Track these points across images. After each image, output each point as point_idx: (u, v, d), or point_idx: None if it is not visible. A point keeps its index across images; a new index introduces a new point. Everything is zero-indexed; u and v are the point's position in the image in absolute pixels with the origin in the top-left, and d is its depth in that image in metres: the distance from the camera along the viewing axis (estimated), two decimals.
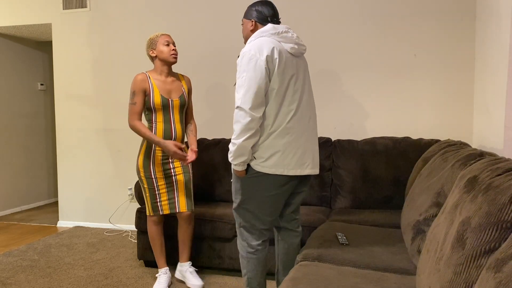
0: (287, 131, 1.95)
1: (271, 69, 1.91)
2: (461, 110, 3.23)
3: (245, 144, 1.89)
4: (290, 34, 2.02)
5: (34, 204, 5.09)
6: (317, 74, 3.48)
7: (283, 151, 1.94)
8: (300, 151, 1.99)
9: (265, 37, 1.96)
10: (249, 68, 1.88)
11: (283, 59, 1.94)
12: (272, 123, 1.94)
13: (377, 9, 3.34)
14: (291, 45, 2.00)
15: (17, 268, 3.01)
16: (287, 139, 1.95)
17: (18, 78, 4.86)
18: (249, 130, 1.88)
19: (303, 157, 2.00)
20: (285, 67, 1.95)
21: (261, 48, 1.90)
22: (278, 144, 1.94)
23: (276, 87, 1.92)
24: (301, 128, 2.01)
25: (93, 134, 4.11)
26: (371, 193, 2.97)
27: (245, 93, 1.87)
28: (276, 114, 1.94)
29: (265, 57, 1.88)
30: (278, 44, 1.95)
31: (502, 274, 0.89)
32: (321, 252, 1.96)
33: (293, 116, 1.97)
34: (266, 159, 1.94)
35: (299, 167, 1.99)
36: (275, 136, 1.94)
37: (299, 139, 1.99)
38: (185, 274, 2.69)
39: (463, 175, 1.44)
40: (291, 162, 1.96)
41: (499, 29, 2.56)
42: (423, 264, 1.43)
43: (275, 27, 1.99)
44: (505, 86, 2.43)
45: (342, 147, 3.13)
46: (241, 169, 1.97)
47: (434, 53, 3.25)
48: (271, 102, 1.93)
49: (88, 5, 4.03)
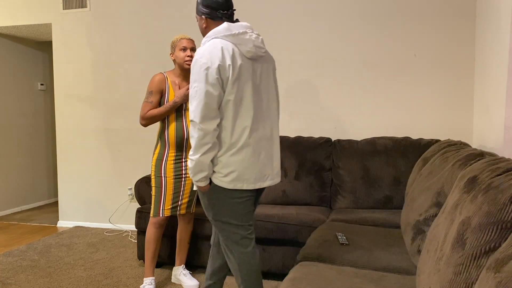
0: (245, 146, 1.84)
1: (224, 79, 1.77)
2: (461, 110, 3.23)
3: (203, 159, 1.78)
4: (247, 36, 1.84)
5: (34, 204, 5.09)
6: (317, 74, 3.48)
7: (241, 168, 1.84)
8: (260, 164, 1.89)
9: (219, 39, 1.81)
10: (200, 78, 1.75)
11: (238, 66, 1.80)
12: (230, 137, 1.82)
13: (377, 9, 3.34)
14: (247, 49, 1.83)
15: (17, 268, 3.01)
16: (246, 154, 1.84)
17: (18, 78, 4.86)
18: (205, 145, 1.76)
19: (263, 170, 1.91)
20: (240, 74, 1.81)
21: (213, 55, 1.76)
22: (236, 161, 1.83)
23: (231, 98, 1.79)
24: (261, 140, 1.90)
25: (93, 134, 4.11)
26: (371, 193, 2.97)
27: (197, 105, 1.75)
28: (233, 127, 1.82)
29: (217, 66, 1.74)
30: (232, 49, 1.80)
31: (502, 274, 0.89)
32: (321, 252, 1.96)
33: (252, 129, 1.85)
34: (225, 174, 1.84)
35: (259, 180, 1.90)
36: (234, 153, 1.83)
37: (259, 152, 1.89)
38: (179, 278, 2.71)
39: (463, 175, 1.44)
40: (251, 177, 1.87)
41: (499, 29, 2.56)
42: (423, 264, 1.43)
43: (230, 27, 1.83)
44: (505, 86, 2.43)
45: (342, 147, 3.13)
46: (204, 184, 1.86)
47: (434, 53, 3.25)
48: (226, 114, 1.81)
49: (88, 5, 4.03)
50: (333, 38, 3.44)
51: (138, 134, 3.98)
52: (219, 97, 1.77)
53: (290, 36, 3.53)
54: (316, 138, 3.23)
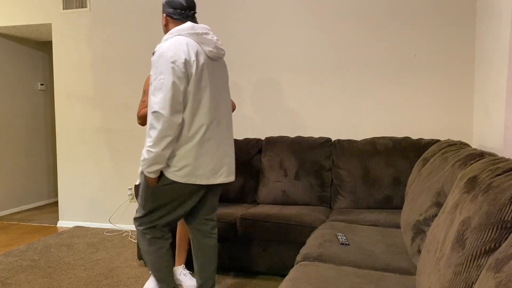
0: (201, 142, 1.87)
1: (189, 74, 1.81)
2: (461, 110, 3.23)
3: (164, 153, 1.80)
4: (210, 37, 1.91)
5: (34, 204, 5.09)
6: (317, 74, 3.48)
7: (197, 162, 1.86)
8: (215, 160, 1.92)
9: (183, 36, 1.85)
10: (167, 70, 1.77)
11: (201, 63, 1.84)
12: (187, 131, 1.84)
13: (377, 9, 3.34)
14: (209, 48, 1.88)
15: (17, 268, 3.01)
16: (202, 149, 1.87)
17: (18, 78, 4.86)
18: (167, 137, 1.78)
19: (217, 167, 1.94)
20: (202, 71, 1.85)
21: (179, 50, 1.80)
22: (192, 155, 1.85)
23: (193, 93, 1.83)
24: (218, 137, 1.93)
25: (93, 134, 4.11)
26: (371, 193, 2.97)
27: (163, 97, 1.75)
28: (191, 122, 1.85)
29: (183, 61, 1.79)
30: (196, 46, 1.85)
31: (502, 274, 0.89)
32: (321, 252, 1.96)
33: (209, 125, 1.88)
34: (179, 168, 1.85)
35: (212, 176, 1.93)
36: (190, 147, 1.85)
37: (215, 148, 1.92)
38: (179, 278, 2.71)
39: (463, 175, 1.44)
40: (205, 172, 1.89)
41: (499, 29, 2.56)
42: (423, 264, 1.43)
43: (194, 27, 1.88)
44: (505, 86, 2.43)
45: (342, 147, 3.13)
46: (155, 176, 1.87)
47: (434, 53, 3.25)
48: (187, 108, 1.83)
49: (88, 5, 4.03)
50: (333, 38, 3.44)
51: (138, 134, 3.98)
52: (184, 91, 1.80)
53: (290, 36, 3.53)
54: (316, 138, 3.23)
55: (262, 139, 3.37)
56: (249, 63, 3.64)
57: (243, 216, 2.76)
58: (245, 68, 3.65)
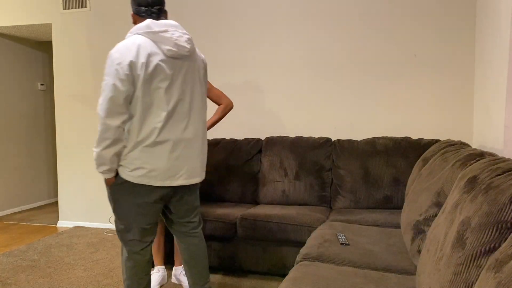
0: (154, 145, 1.82)
1: (136, 76, 1.76)
2: (461, 110, 3.23)
3: (103, 154, 1.78)
4: (168, 34, 1.82)
5: (34, 204, 5.09)
6: (317, 74, 3.48)
7: (148, 165, 1.83)
8: (171, 163, 1.87)
9: (140, 35, 1.81)
10: (110, 72, 1.74)
11: (154, 64, 1.78)
12: (137, 134, 1.81)
13: (377, 9, 3.34)
14: (168, 47, 1.81)
15: (17, 268, 3.01)
16: (153, 153, 1.83)
17: (18, 78, 4.86)
18: (106, 140, 1.76)
19: (175, 169, 1.88)
20: (155, 73, 1.79)
21: (127, 51, 1.76)
22: (142, 159, 1.82)
23: (141, 96, 1.78)
24: (176, 138, 1.87)
25: (93, 134, 4.11)
26: (371, 193, 2.97)
27: (103, 99, 1.74)
28: (141, 125, 1.81)
29: (128, 62, 1.74)
30: (150, 46, 1.79)
31: (502, 274, 0.89)
32: (321, 252, 1.96)
33: (163, 128, 1.83)
34: (132, 170, 1.83)
35: (169, 178, 1.87)
36: (140, 150, 1.82)
37: (170, 151, 1.86)
38: (179, 278, 2.71)
39: (463, 175, 1.44)
40: (158, 174, 1.85)
41: (499, 29, 2.56)
42: (423, 264, 1.43)
43: (151, 25, 1.82)
44: (505, 86, 2.43)
45: (342, 147, 3.13)
46: (108, 177, 1.85)
47: (434, 53, 3.25)
48: (136, 111, 1.80)
49: (88, 5, 4.03)
50: (333, 38, 3.44)
51: None
52: (126, 93, 1.76)
53: (290, 36, 3.53)
54: (316, 138, 3.23)
55: (262, 139, 3.37)
56: (249, 63, 3.64)
57: (243, 216, 2.76)
58: (245, 68, 3.65)
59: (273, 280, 2.76)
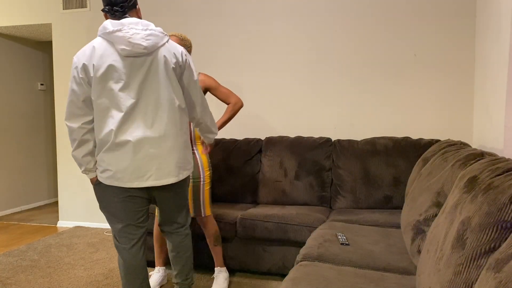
0: (113, 146, 1.82)
1: (89, 78, 1.79)
2: (461, 110, 3.23)
3: (75, 154, 1.88)
4: (121, 33, 1.77)
5: (34, 204, 5.09)
6: (317, 74, 3.48)
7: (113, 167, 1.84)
8: (136, 164, 1.84)
9: (99, 37, 1.84)
10: (71, 76, 1.83)
11: (106, 66, 1.77)
12: (98, 136, 1.85)
13: (377, 9, 3.34)
14: (121, 46, 1.77)
15: (17, 268, 3.01)
16: (114, 154, 1.83)
17: (18, 78, 4.86)
18: (73, 141, 1.86)
19: (141, 170, 1.85)
20: (108, 74, 1.78)
21: (82, 54, 1.81)
22: (105, 161, 1.85)
23: (95, 98, 1.80)
24: (138, 139, 1.83)
25: None
26: (371, 193, 2.97)
27: (67, 103, 1.85)
28: (100, 126, 1.83)
29: (82, 65, 1.79)
30: (104, 47, 1.80)
31: (502, 274, 0.89)
32: (321, 252, 1.96)
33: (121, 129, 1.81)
34: (101, 171, 1.88)
35: (137, 179, 1.85)
36: (105, 151, 1.84)
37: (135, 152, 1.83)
38: None
39: (463, 175, 1.44)
40: (124, 176, 1.84)
41: (499, 29, 2.56)
42: (423, 264, 1.43)
43: (106, 25, 1.81)
44: (505, 86, 2.43)
45: (342, 147, 3.13)
46: (89, 177, 1.94)
47: (434, 53, 3.25)
48: (94, 113, 1.84)
49: (88, 5, 4.03)
50: (333, 37, 3.44)
51: None
52: (84, 96, 1.82)
53: (290, 35, 3.53)
54: (316, 138, 3.23)
55: (262, 139, 3.37)
56: (249, 63, 3.64)
57: (243, 216, 2.76)
58: (245, 68, 3.65)
59: (273, 280, 2.76)
